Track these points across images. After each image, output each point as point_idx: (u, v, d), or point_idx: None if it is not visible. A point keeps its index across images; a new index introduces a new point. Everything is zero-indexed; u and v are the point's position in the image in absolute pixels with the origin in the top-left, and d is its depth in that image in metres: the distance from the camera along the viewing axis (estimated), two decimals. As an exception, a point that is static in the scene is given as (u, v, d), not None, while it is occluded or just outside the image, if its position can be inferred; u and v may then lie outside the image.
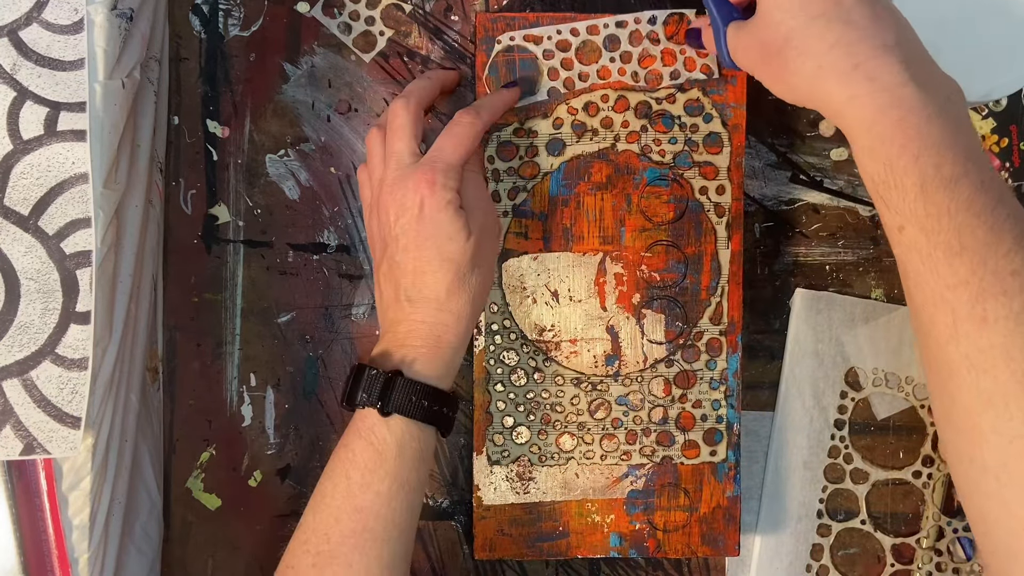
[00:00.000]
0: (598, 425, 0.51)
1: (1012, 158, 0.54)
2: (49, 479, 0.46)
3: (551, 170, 0.51)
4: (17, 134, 0.45)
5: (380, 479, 0.42)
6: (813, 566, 0.54)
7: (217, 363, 0.53)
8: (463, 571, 0.54)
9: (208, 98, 0.53)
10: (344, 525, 0.42)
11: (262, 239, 0.53)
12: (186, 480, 0.53)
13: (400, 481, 0.42)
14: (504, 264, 0.51)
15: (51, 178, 0.45)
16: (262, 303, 0.53)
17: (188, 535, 0.53)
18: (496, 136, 0.51)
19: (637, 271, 0.51)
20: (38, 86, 0.45)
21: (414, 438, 0.43)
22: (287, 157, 0.53)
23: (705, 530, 0.52)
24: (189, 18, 0.53)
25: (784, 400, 0.54)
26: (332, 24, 0.53)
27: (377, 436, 0.43)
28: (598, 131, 0.51)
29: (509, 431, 0.51)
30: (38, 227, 0.45)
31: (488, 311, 0.51)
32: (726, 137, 0.51)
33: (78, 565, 0.46)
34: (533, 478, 0.51)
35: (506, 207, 0.51)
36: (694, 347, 0.51)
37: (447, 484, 0.54)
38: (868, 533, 0.54)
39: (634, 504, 0.51)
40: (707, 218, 0.51)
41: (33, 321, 0.45)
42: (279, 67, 0.53)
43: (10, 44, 0.45)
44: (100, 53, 0.45)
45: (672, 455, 0.51)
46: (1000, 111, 0.54)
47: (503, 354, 0.51)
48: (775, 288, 0.54)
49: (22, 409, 0.45)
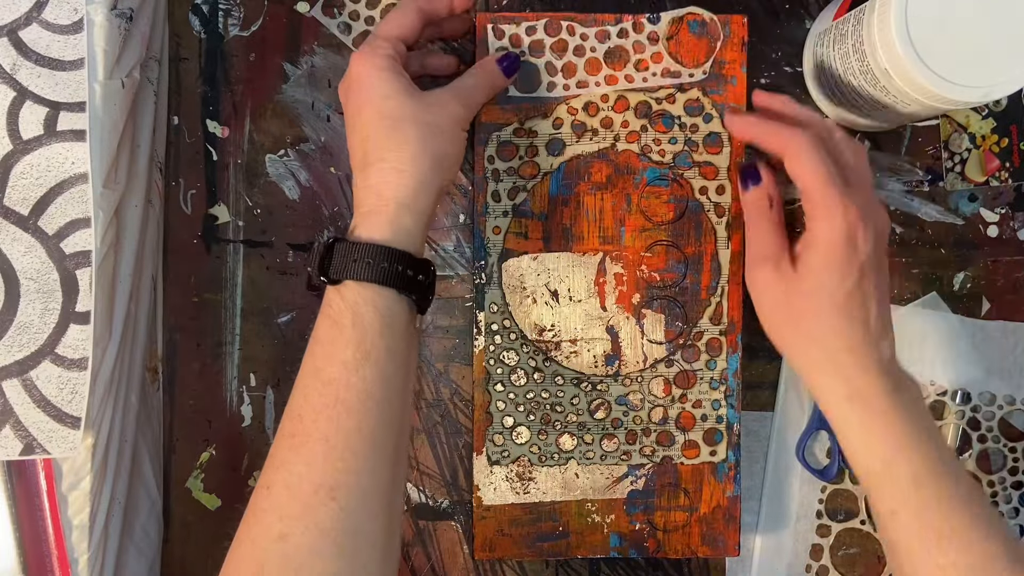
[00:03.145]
0: (598, 425, 0.51)
1: (1012, 158, 0.54)
2: (49, 479, 0.46)
3: (551, 170, 0.51)
4: (17, 134, 0.45)
5: (342, 348, 0.40)
6: (813, 566, 0.54)
7: (217, 363, 0.53)
8: (463, 571, 0.54)
9: (208, 98, 0.53)
10: (314, 400, 0.40)
11: (262, 239, 0.53)
12: (186, 480, 0.53)
13: (364, 349, 0.40)
14: (504, 264, 0.51)
15: (51, 178, 0.45)
16: (262, 303, 0.53)
17: (188, 535, 0.53)
18: (496, 136, 0.51)
19: (637, 271, 0.51)
20: (38, 86, 0.45)
21: (368, 302, 0.41)
22: (287, 157, 0.53)
23: (705, 530, 0.52)
24: (189, 18, 0.53)
25: (784, 400, 0.54)
26: (332, 24, 0.53)
27: (333, 308, 0.41)
28: (598, 131, 0.51)
29: (509, 431, 0.51)
30: (38, 227, 0.45)
31: (488, 311, 0.51)
32: (726, 137, 0.51)
33: (78, 565, 0.46)
34: (533, 478, 0.51)
35: (506, 207, 0.51)
36: (694, 347, 0.51)
37: (447, 484, 0.54)
38: (868, 533, 0.54)
39: (634, 504, 0.51)
40: (707, 218, 0.51)
41: (33, 321, 0.45)
42: (279, 67, 0.53)
43: (10, 44, 0.45)
44: (100, 53, 0.45)
45: (672, 455, 0.51)
46: (1000, 111, 0.54)
47: (503, 354, 0.51)
48: (775, 288, 0.54)
49: (22, 409, 0.45)
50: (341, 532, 0.38)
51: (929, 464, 0.41)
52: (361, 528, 0.39)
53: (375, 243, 0.41)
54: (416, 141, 0.43)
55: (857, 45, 0.46)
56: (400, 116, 0.43)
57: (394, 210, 0.42)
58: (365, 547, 0.39)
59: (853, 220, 0.42)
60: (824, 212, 0.42)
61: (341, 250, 0.42)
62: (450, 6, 0.48)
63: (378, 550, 0.39)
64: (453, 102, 0.44)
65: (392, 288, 0.41)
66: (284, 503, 0.38)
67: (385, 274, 0.41)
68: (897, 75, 0.44)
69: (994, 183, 0.54)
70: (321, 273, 0.42)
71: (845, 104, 0.51)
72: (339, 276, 0.41)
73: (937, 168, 0.54)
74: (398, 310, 0.42)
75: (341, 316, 0.41)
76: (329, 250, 0.42)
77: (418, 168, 0.42)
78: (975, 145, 0.54)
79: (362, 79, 0.43)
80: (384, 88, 0.43)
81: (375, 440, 0.40)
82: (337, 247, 0.42)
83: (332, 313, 0.41)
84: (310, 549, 0.37)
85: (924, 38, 0.43)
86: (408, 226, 0.42)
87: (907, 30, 0.43)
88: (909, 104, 0.46)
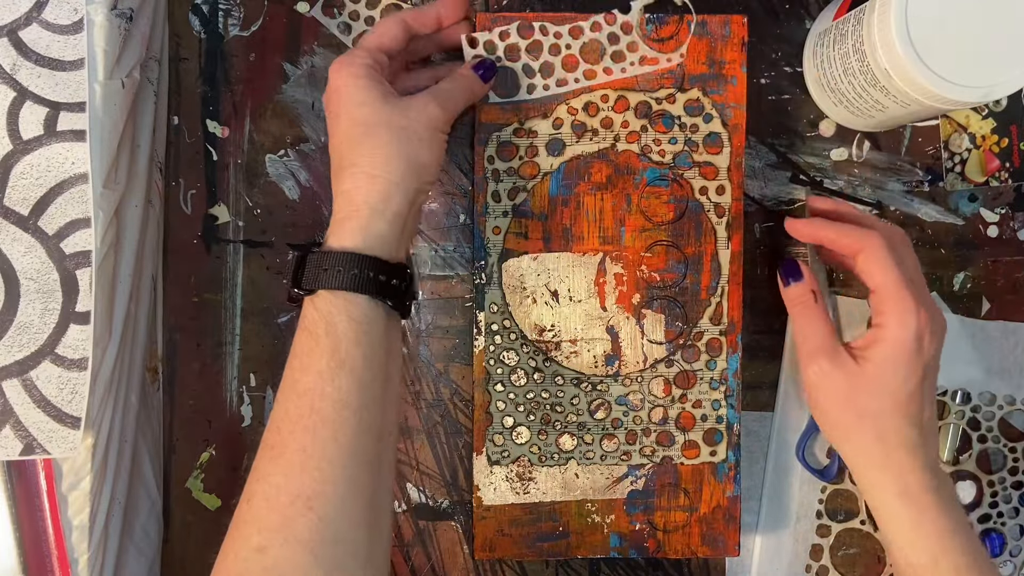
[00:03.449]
0: (598, 425, 0.51)
1: (1012, 158, 0.54)
2: (49, 479, 0.46)
3: (551, 170, 0.51)
4: (17, 134, 0.45)
5: (317, 359, 0.40)
6: (813, 566, 0.54)
7: (217, 363, 0.53)
8: (463, 571, 0.54)
9: (208, 98, 0.53)
10: (291, 411, 0.40)
11: (262, 239, 0.53)
12: (186, 480, 0.53)
13: (339, 358, 0.40)
14: (504, 264, 0.51)
15: (51, 178, 0.45)
16: (262, 303, 0.53)
17: (188, 535, 0.53)
18: (496, 136, 0.51)
19: (637, 271, 0.51)
20: (38, 86, 0.45)
21: (341, 310, 0.41)
22: (287, 157, 0.53)
23: (705, 530, 0.52)
24: (189, 18, 0.53)
25: (784, 400, 0.54)
26: (332, 24, 0.53)
27: (308, 318, 0.41)
28: (598, 131, 0.51)
29: (509, 431, 0.51)
30: (38, 227, 0.45)
31: (488, 311, 0.51)
32: (726, 137, 0.51)
33: (78, 565, 0.46)
34: (533, 478, 0.51)
35: (506, 207, 0.51)
36: (694, 347, 0.51)
37: (447, 484, 0.54)
38: (868, 533, 0.54)
39: (634, 504, 0.51)
40: (707, 218, 0.51)
41: (33, 321, 0.45)
42: (279, 67, 0.53)
43: (10, 44, 0.45)
44: (100, 53, 0.45)
45: (672, 455, 0.51)
46: (1000, 111, 0.54)
47: (503, 354, 0.51)
48: (775, 288, 0.54)
49: (22, 409, 0.45)
50: (320, 542, 0.38)
51: (969, 558, 0.44)
52: (341, 537, 0.39)
53: (346, 251, 0.41)
54: (389, 145, 0.43)
55: (857, 45, 0.46)
56: (374, 122, 0.43)
57: (366, 215, 0.42)
58: (346, 556, 0.39)
59: (923, 323, 0.44)
60: (898, 312, 0.44)
61: (313, 260, 0.42)
62: (438, 21, 0.48)
63: (360, 558, 0.39)
64: (431, 105, 0.44)
65: (365, 294, 0.41)
66: (263, 515, 0.39)
67: (356, 281, 0.41)
68: (897, 75, 0.44)
69: (994, 183, 0.54)
70: (294, 284, 0.42)
71: (845, 104, 0.51)
72: (312, 286, 0.42)
73: (937, 168, 0.54)
74: (373, 316, 0.42)
75: (315, 326, 0.41)
76: (302, 261, 0.42)
77: (391, 172, 0.42)
78: (975, 145, 0.54)
79: (339, 87, 0.44)
80: (359, 95, 0.43)
81: (353, 448, 0.40)
82: (309, 257, 0.42)
83: (307, 324, 0.41)
84: (289, 561, 0.37)
85: (924, 38, 0.43)
86: (381, 231, 0.42)
87: (907, 30, 0.43)
88: (909, 104, 0.46)
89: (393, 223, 0.43)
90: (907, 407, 0.44)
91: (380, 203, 0.42)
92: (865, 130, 0.54)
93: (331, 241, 0.42)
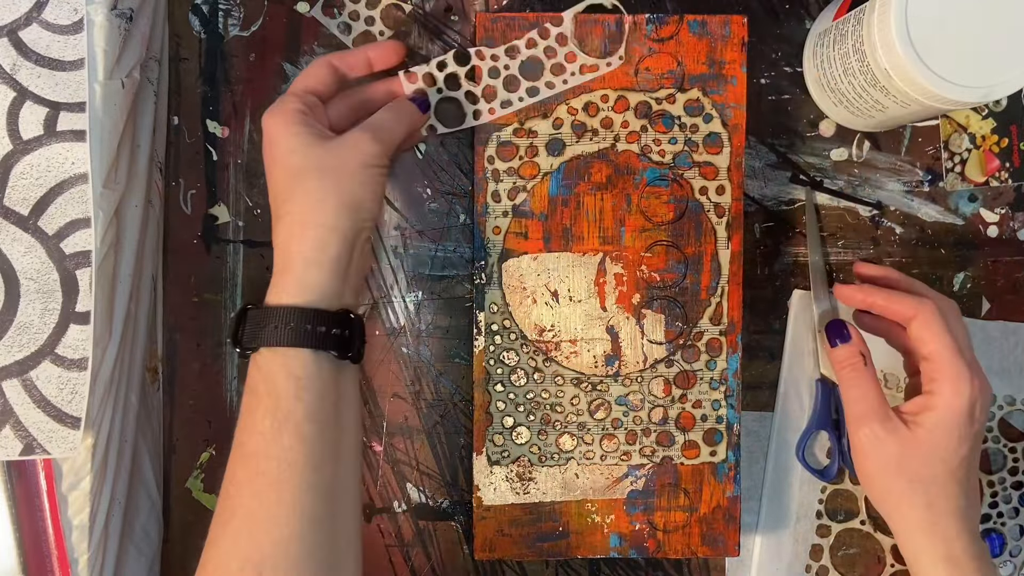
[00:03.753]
0: (598, 425, 0.51)
1: (1012, 158, 0.54)
2: (49, 479, 0.46)
3: (551, 170, 0.51)
4: (17, 134, 0.45)
5: (260, 419, 0.40)
6: (813, 566, 0.54)
7: (217, 363, 0.53)
8: (463, 571, 0.54)
9: (208, 98, 0.53)
10: (239, 475, 0.40)
11: (262, 239, 0.53)
12: (186, 480, 0.53)
13: (280, 417, 0.40)
14: (504, 264, 0.51)
15: (51, 178, 0.45)
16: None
17: (188, 535, 0.53)
18: (496, 136, 0.51)
19: (637, 271, 0.51)
20: (38, 86, 0.45)
21: (281, 367, 0.40)
22: (287, 157, 0.53)
23: (705, 530, 0.52)
24: (189, 18, 0.53)
25: (784, 400, 0.54)
26: (332, 24, 0.53)
27: (251, 378, 0.41)
28: (598, 131, 0.51)
29: (509, 431, 0.51)
30: (38, 227, 0.45)
31: (488, 311, 0.51)
32: (726, 137, 0.51)
33: (78, 565, 0.46)
34: (533, 478, 0.51)
35: (506, 207, 0.51)
36: (694, 347, 0.51)
37: (447, 484, 0.54)
38: (868, 533, 0.54)
39: (634, 504, 0.51)
40: (707, 218, 0.51)
41: (33, 321, 0.45)
42: (279, 67, 0.53)
43: (10, 44, 0.45)
44: (100, 53, 0.45)
45: (672, 455, 0.51)
46: (1000, 111, 0.54)
47: (503, 354, 0.51)
48: (775, 288, 0.54)
49: (22, 409, 0.45)
50: None
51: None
52: None
53: (282, 305, 0.41)
54: (318, 190, 0.42)
55: (857, 45, 0.46)
56: (302, 167, 0.42)
57: (300, 267, 0.42)
58: None
59: (976, 392, 0.44)
60: (952, 380, 0.44)
61: (252, 318, 0.42)
62: (368, 65, 0.48)
63: None
64: (363, 140, 0.43)
65: (307, 348, 0.41)
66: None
67: (295, 335, 0.41)
68: (897, 75, 0.44)
69: (994, 183, 0.54)
70: (235, 344, 0.42)
71: (845, 104, 0.51)
72: (252, 344, 0.41)
73: (937, 168, 0.54)
74: (314, 370, 0.41)
75: (257, 385, 0.41)
76: (242, 318, 0.42)
77: (325, 216, 0.42)
78: (975, 145, 0.54)
79: (271, 137, 0.44)
80: (289, 143, 0.43)
81: (301, 508, 0.39)
82: (249, 315, 0.42)
83: (250, 383, 0.41)
84: None
85: (924, 38, 0.43)
86: (317, 281, 0.42)
87: (907, 30, 0.43)
88: (909, 104, 0.46)
89: (332, 270, 0.42)
90: (958, 474, 0.45)
91: (314, 252, 0.42)
92: (865, 130, 0.54)
93: (270, 297, 0.42)
